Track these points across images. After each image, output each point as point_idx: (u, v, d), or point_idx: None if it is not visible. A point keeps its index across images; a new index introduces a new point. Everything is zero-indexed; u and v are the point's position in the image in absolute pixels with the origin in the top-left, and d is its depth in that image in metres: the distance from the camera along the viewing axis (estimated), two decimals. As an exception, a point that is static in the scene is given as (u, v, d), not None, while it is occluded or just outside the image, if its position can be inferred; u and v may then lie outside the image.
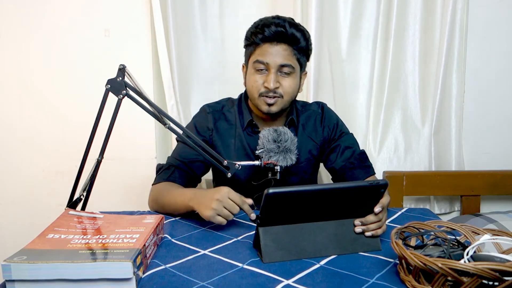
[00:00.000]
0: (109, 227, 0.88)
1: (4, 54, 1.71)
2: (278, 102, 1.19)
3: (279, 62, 1.15)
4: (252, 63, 1.19)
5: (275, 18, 1.17)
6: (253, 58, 1.18)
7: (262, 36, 1.15)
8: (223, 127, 1.29)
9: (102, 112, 1.01)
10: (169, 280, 0.76)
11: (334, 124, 1.32)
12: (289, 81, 1.18)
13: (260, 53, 1.16)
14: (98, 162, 1.03)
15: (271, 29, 1.14)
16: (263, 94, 1.18)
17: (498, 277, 0.61)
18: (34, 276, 0.71)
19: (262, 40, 1.16)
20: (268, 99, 1.18)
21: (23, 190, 1.79)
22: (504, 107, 1.77)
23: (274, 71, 1.16)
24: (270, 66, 1.16)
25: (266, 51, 1.15)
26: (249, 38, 1.20)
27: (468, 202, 1.71)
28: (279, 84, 1.17)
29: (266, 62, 1.16)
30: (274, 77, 1.16)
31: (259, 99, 1.19)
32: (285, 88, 1.18)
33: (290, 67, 1.17)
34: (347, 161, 1.26)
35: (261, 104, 1.19)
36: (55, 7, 1.68)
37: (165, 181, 1.18)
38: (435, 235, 0.83)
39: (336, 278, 0.77)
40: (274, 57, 1.15)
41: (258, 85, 1.18)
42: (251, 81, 1.19)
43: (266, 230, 0.84)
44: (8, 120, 1.75)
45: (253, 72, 1.19)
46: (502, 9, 1.71)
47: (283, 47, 1.16)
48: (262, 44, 1.16)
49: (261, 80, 1.18)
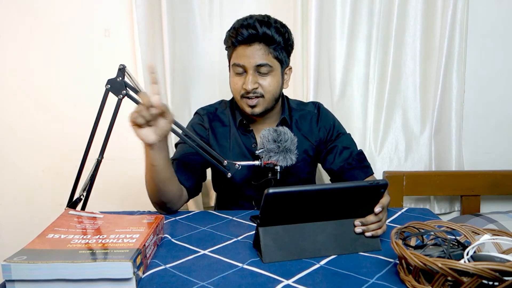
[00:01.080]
0: (109, 227, 0.88)
1: (4, 54, 1.71)
2: (260, 102, 1.19)
3: (255, 63, 1.15)
4: (231, 66, 1.20)
5: (247, 19, 1.16)
6: (231, 61, 1.20)
7: (236, 39, 1.16)
8: (218, 128, 1.30)
9: (102, 112, 1.01)
10: (169, 280, 0.76)
11: (331, 124, 1.31)
12: (268, 80, 1.18)
13: (236, 56, 1.17)
14: (98, 162, 1.03)
15: (242, 31, 1.14)
16: (244, 96, 1.19)
17: (498, 277, 0.61)
18: (34, 276, 0.70)
19: (237, 42, 1.16)
20: (249, 100, 1.18)
21: (23, 190, 1.79)
22: (504, 107, 1.77)
23: (251, 72, 1.16)
24: (247, 67, 1.16)
25: (242, 54, 1.16)
26: (226, 42, 1.21)
27: (468, 202, 1.71)
28: (258, 85, 1.17)
29: (242, 64, 1.16)
30: (251, 78, 1.16)
31: (241, 101, 1.20)
32: (265, 87, 1.18)
33: (267, 66, 1.17)
34: (345, 162, 1.25)
35: (244, 106, 1.21)
36: (55, 7, 1.68)
37: None
38: (435, 235, 0.83)
39: (336, 278, 0.77)
40: (249, 59, 1.15)
41: (238, 87, 1.19)
42: (232, 84, 1.21)
43: (266, 230, 0.84)
44: (8, 120, 1.76)
45: (233, 75, 1.20)
46: (502, 9, 1.71)
47: (257, 47, 1.15)
48: (237, 46, 1.17)
49: (240, 82, 1.18)
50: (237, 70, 1.18)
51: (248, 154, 1.26)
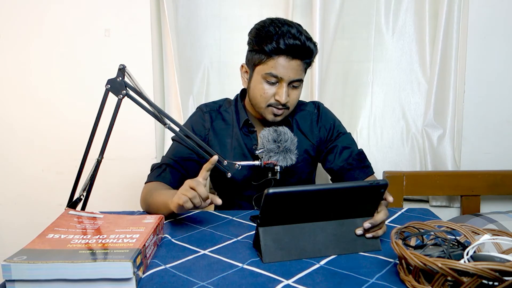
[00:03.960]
0: (109, 227, 0.88)
1: (5, 54, 1.71)
2: (284, 113, 1.19)
3: (293, 77, 1.13)
4: (263, 74, 1.13)
5: (295, 33, 1.09)
6: (264, 68, 1.13)
7: (277, 49, 1.09)
8: (219, 127, 1.28)
9: (102, 112, 1.01)
10: (169, 280, 0.76)
11: (331, 124, 1.31)
12: (296, 93, 1.18)
13: (275, 66, 1.11)
14: (98, 162, 1.03)
15: (289, 41, 1.08)
16: (273, 105, 1.16)
17: (498, 277, 0.61)
18: (34, 276, 0.70)
19: (277, 52, 1.10)
20: (276, 110, 1.17)
21: (23, 190, 1.79)
22: (504, 107, 1.77)
23: (285, 85, 1.13)
24: (284, 80, 1.13)
25: (282, 65, 1.11)
26: (259, 44, 1.12)
27: (468, 202, 1.71)
28: (289, 98, 1.16)
29: (280, 77, 1.12)
30: (286, 90, 1.13)
31: (266, 109, 1.18)
32: (293, 100, 1.17)
33: (300, 81, 1.17)
34: (346, 162, 1.25)
35: (268, 114, 1.18)
36: (55, 7, 1.68)
37: (155, 181, 1.18)
38: (435, 235, 0.83)
39: (336, 278, 0.77)
40: (288, 73, 1.11)
41: (268, 96, 1.15)
42: (259, 90, 1.15)
43: (266, 230, 0.84)
44: (8, 120, 1.75)
45: (263, 81, 1.15)
46: (502, 9, 1.71)
47: (298, 63, 1.12)
48: (275, 56, 1.10)
49: (270, 92, 1.15)
50: (271, 80, 1.13)
51: (249, 155, 1.26)
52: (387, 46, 1.78)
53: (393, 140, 1.82)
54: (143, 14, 1.68)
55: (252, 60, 1.17)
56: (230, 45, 1.80)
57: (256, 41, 1.13)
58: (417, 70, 1.78)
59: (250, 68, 1.19)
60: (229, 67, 1.81)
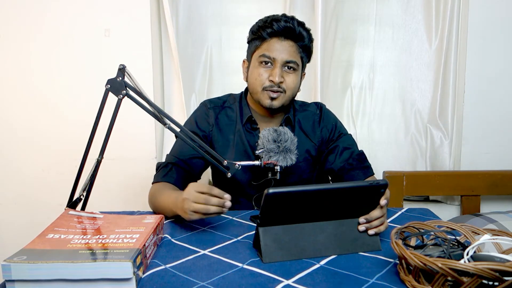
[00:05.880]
0: (109, 227, 0.88)
1: (5, 54, 1.71)
2: (280, 97, 1.20)
3: (286, 58, 1.17)
4: (258, 57, 1.19)
5: (284, 15, 1.19)
6: (259, 52, 1.19)
7: (271, 31, 1.16)
8: (223, 123, 1.29)
9: (102, 112, 1.00)
10: (169, 280, 0.76)
11: (333, 125, 1.31)
12: (292, 78, 1.20)
13: (267, 48, 1.18)
14: (98, 162, 1.03)
15: (280, 24, 1.15)
16: (267, 88, 1.19)
17: (498, 277, 0.61)
18: (34, 276, 0.70)
19: (270, 34, 1.17)
20: (272, 93, 1.18)
21: (23, 190, 1.79)
22: (504, 107, 1.77)
23: (279, 65, 1.17)
24: (277, 61, 1.17)
25: (274, 47, 1.17)
26: (255, 32, 1.20)
27: (468, 202, 1.71)
28: (283, 79, 1.18)
29: (273, 57, 1.17)
30: (279, 71, 1.17)
31: (262, 93, 1.20)
32: (288, 84, 1.19)
33: (295, 64, 1.19)
34: (346, 162, 1.25)
35: (264, 98, 1.20)
36: (55, 7, 1.68)
37: (162, 181, 1.18)
38: (435, 235, 0.83)
39: (336, 278, 0.77)
40: (281, 53, 1.17)
41: (263, 78, 1.19)
42: (255, 74, 1.20)
43: (266, 230, 0.84)
44: (8, 120, 1.76)
45: (257, 65, 1.20)
46: (502, 9, 1.71)
47: (290, 43, 1.17)
48: (269, 38, 1.18)
49: (266, 74, 1.18)
50: (265, 61, 1.18)
51: (251, 152, 1.26)
52: (387, 45, 1.78)
53: (393, 140, 1.82)
54: (143, 14, 1.68)
55: (250, 50, 1.24)
56: (231, 42, 1.81)
57: (253, 31, 1.23)
58: (417, 70, 1.78)
59: (249, 60, 1.25)
60: (230, 64, 1.81)
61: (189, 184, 0.96)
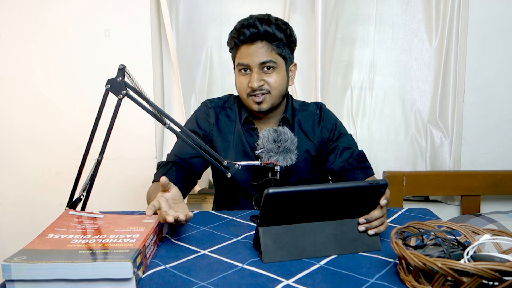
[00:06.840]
0: (109, 227, 0.88)
1: (5, 54, 1.71)
2: (266, 98, 1.20)
3: (259, 61, 1.17)
4: (236, 65, 1.22)
5: (248, 19, 1.19)
6: (236, 61, 1.21)
7: (238, 39, 1.18)
8: (223, 123, 1.30)
9: (102, 112, 1.01)
10: (169, 280, 0.76)
11: (333, 125, 1.31)
12: (274, 77, 1.19)
13: (240, 56, 1.19)
14: (98, 162, 1.03)
15: (244, 30, 1.16)
16: (250, 94, 1.20)
17: (498, 277, 0.61)
18: (34, 276, 0.70)
19: (240, 42, 1.18)
20: (255, 97, 1.19)
21: (23, 190, 1.80)
22: (504, 107, 1.77)
23: (256, 70, 1.18)
24: (251, 66, 1.18)
25: (245, 53, 1.18)
26: (229, 43, 1.23)
27: (468, 202, 1.71)
28: (264, 82, 1.19)
29: (247, 63, 1.18)
30: (256, 76, 1.17)
31: (248, 100, 1.21)
32: (271, 84, 1.19)
33: (271, 62, 1.18)
34: (346, 162, 1.25)
35: (251, 104, 1.21)
36: (55, 7, 1.68)
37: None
38: (435, 235, 0.83)
39: (336, 278, 0.77)
40: (252, 57, 1.17)
41: (244, 86, 1.20)
42: (238, 83, 1.22)
43: (266, 230, 0.84)
44: (8, 120, 1.76)
45: (238, 74, 1.22)
46: (502, 9, 1.71)
47: (259, 45, 1.17)
48: (240, 46, 1.19)
49: (245, 81, 1.20)
50: (243, 69, 1.19)
51: (250, 152, 1.26)
52: (387, 45, 1.79)
53: (393, 140, 1.82)
54: (143, 14, 1.68)
55: (232, 59, 1.26)
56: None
57: (227, 41, 1.25)
58: (417, 70, 1.78)
59: (234, 69, 1.27)
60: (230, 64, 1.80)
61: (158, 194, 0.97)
